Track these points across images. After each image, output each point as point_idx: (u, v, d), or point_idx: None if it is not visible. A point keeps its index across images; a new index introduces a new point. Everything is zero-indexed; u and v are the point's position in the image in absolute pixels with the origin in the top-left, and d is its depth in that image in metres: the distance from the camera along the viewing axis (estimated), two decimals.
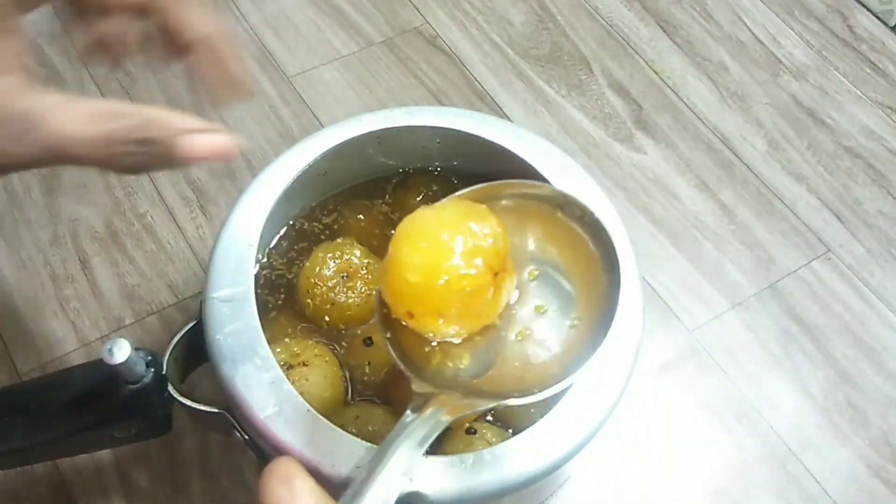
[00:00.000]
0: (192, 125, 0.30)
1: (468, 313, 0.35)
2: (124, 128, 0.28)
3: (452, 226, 0.34)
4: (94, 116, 0.28)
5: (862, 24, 0.82)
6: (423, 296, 0.34)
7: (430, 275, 0.33)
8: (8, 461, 0.47)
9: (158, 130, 0.29)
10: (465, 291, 0.33)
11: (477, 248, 0.33)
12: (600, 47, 0.79)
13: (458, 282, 0.33)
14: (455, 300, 0.33)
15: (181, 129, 0.29)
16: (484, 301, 0.34)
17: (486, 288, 0.34)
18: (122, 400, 0.41)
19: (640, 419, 0.58)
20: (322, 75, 0.75)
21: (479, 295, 0.34)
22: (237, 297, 0.43)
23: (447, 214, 0.35)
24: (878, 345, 0.63)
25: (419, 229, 0.34)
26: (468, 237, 0.33)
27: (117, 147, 0.28)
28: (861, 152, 0.73)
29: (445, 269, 0.33)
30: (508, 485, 0.39)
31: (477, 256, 0.33)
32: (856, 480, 0.57)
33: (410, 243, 0.34)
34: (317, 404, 0.40)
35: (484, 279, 0.34)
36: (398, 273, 0.34)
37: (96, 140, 0.28)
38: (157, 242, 0.64)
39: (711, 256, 0.66)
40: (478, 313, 0.35)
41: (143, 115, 0.29)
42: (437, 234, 0.34)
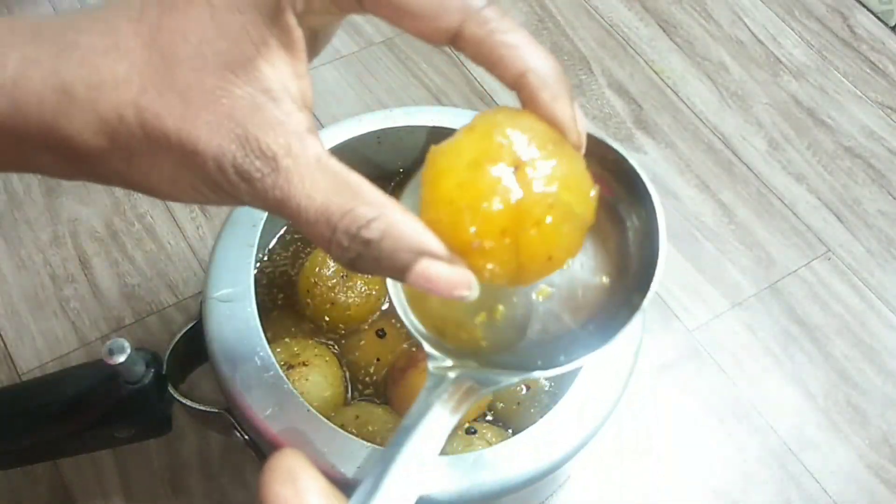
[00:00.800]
0: (434, 248, 0.24)
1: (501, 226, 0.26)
2: (356, 220, 0.24)
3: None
4: (324, 185, 0.24)
5: (862, 24, 0.82)
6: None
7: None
8: (8, 461, 0.47)
9: (395, 243, 0.24)
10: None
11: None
12: (600, 47, 0.79)
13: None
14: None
15: (421, 250, 0.24)
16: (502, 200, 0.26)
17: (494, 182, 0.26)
18: (122, 400, 0.41)
19: (640, 419, 0.58)
20: (322, 75, 0.75)
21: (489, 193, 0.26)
22: (237, 297, 0.43)
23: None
24: (878, 345, 0.63)
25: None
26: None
27: (329, 231, 0.24)
28: (861, 152, 0.73)
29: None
30: (508, 485, 0.39)
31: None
32: (856, 480, 0.57)
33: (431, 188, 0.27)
34: (317, 404, 0.40)
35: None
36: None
37: (319, 223, 0.24)
38: (157, 242, 0.64)
39: (711, 256, 0.66)
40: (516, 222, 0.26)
41: (385, 216, 0.24)
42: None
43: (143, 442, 0.45)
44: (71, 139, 0.24)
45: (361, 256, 0.24)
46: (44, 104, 0.23)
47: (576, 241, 0.28)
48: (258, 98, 0.24)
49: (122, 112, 0.23)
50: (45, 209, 0.66)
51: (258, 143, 0.23)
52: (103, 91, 0.23)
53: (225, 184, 0.24)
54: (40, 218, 0.65)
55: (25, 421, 0.42)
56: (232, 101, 0.23)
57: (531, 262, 0.27)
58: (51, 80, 0.23)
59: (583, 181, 0.28)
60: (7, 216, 0.65)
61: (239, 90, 0.23)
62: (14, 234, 0.64)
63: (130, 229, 0.65)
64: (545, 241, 0.27)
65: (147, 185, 0.25)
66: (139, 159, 0.24)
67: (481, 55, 0.25)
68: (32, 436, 0.43)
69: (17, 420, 0.42)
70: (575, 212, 0.27)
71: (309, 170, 0.24)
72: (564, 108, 0.26)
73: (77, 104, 0.23)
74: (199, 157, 0.23)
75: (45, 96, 0.23)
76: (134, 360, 0.39)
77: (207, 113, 0.23)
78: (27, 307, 0.61)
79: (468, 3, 0.24)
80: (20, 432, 0.42)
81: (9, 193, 0.66)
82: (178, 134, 0.23)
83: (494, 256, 0.26)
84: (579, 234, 0.28)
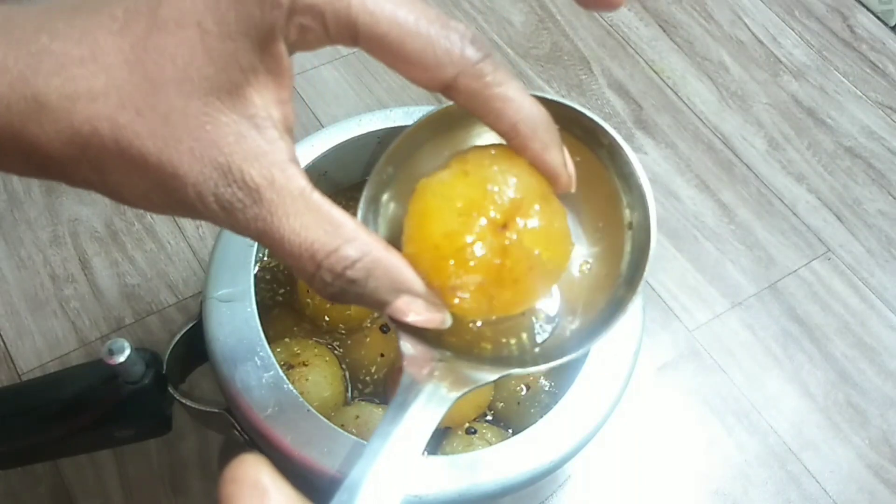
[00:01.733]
0: (415, 288, 0.26)
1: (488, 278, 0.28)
2: (341, 260, 0.24)
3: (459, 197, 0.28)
4: (307, 219, 0.24)
5: (862, 24, 0.82)
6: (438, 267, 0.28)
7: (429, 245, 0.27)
8: (8, 461, 0.47)
9: (378, 283, 0.25)
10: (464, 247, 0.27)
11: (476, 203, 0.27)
12: (600, 47, 0.79)
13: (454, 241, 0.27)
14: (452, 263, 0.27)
15: (402, 289, 0.26)
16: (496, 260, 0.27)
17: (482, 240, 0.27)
18: (122, 400, 0.41)
19: (640, 419, 0.58)
20: (322, 75, 0.75)
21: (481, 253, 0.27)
22: (237, 297, 0.43)
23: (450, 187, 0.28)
24: (878, 345, 0.63)
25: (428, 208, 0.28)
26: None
27: (313, 266, 0.24)
28: (861, 152, 0.73)
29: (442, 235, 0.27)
30: (508, 485, 0.39)
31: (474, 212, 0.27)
32: (856, 480, 0.57)
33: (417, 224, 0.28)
34: (317, 404, 0.40)
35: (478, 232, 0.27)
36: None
37: (303, 258, 0.24)
38: (157, 242, 0.64)
39: (711, 256, 0.66)
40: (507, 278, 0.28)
41: (369, 256, 0.25)
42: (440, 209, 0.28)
43: (143, 442, 0.45)
44: (40, 146, 0.23)
45: (344, 292, 0.25)
46: (11, 109, 0.23)
47: (546, 291, 0.30)
48: (243, 126, 0.23)
49: (97, 125, 0.23)
50: (45, 209, 0.66)
51: (241, 173, 0.23)
52: (78, 102, 0.22)
53: (203, 209, 0.24)
54: (40, 218, 0.65)
55: (25, 421, 0.42)
56: (216, 127, 0.23)
57: (502, 309, 0.29)
58: (20, 86, 0.22)
59: (564, 241, 0.29)
60: (7, 216, 0.65)
61: (224, 117, 0.23)
62: (14, 234, 0.64)
63: (130, 229, 0.65)
64: (519, 295, 0.28)
65: (118, 196, 0.25)
66: (111, 173, 0.24)
67: (474, 107, 0.26)
68: (32, 436, 0.43)
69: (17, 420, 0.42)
70: (551, 270, 0.28)
71: (293, 204, 0.24)
72: (555, 156, 0.27)
73: (49, 113, 0.23)
74: (178, 182, 0.23)
75: (13, 102, 0.22)
76: (134, 360, 0.39)
77: (191, 139, 0.23)
78: (27, 307, 0.61)
79: (464, 56, 0.24)
80: (20, 432, 0.42)
81: (9, 193, 0.66)
82: (157, 156, 0.23)
83: (469, 299, 0.28)
84: (551, 285, 0.30)
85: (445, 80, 0.25)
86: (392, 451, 0.26)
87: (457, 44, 0.24)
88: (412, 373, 0.28)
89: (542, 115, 0.26)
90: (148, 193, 0.24)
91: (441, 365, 0.28)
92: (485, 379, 0.29)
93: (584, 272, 0.32)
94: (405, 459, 0.26)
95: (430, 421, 0.27)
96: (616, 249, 0.31)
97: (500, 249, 0.27)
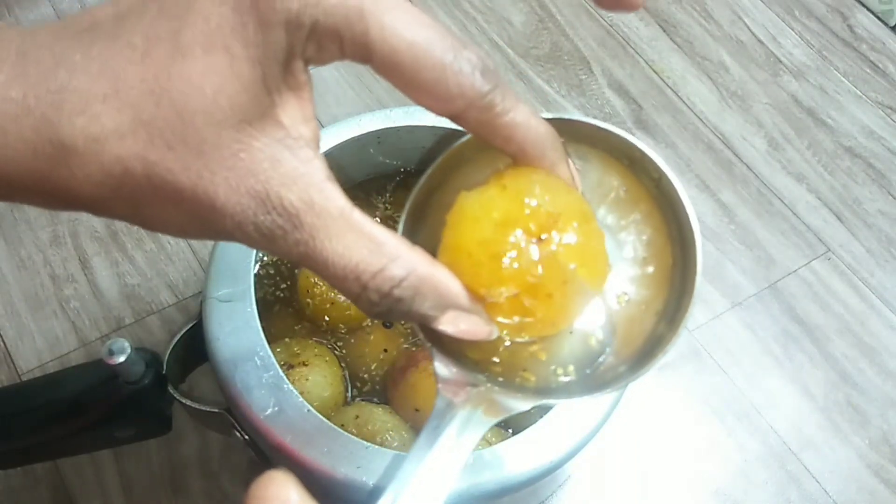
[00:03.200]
0: (461, 303, 0.26)
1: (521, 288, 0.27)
2: (387, 281, 0.24)
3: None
4: (358, 246, 0.23)
5: (862, 24, 0.82)
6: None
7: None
8: (8, 461, 0.47)
9: (424, 300, 0.25)
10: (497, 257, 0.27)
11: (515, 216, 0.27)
12: (600, 47, 0.79)
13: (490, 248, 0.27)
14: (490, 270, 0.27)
15: (451, 303, 0.25)
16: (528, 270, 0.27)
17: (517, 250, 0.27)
18: (122, 400, 0.41)
19: (640, 419, 0.58)
20: (322, 75, 0.75)
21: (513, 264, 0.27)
22: (237, 297, 0.43)
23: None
24: (878, 345, 0.63)
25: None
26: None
27: (359, 287, 0.24)
28: (861, 152, 0.73)
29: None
30: (508, 485, 0.39)
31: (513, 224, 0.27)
32: (856, 480, 0.57)
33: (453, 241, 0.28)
34: (317, 404, 0.40)
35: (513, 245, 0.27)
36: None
37: (348, 280, 0.24)
38: (157, 242, 0.64)
39: (711, 256, 0.66)
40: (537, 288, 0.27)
41: (415, 274, 0.24)
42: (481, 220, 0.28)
43: (143, 442, 0.45)
44: (70, 189, 0.22)
45: (392, 311, 0.24)
46: (38, 155, 0.22)
47: (580, 311, 0.29)
48: (276, 149, 0.23)
49: (128, 165, 0.22)
50: (45, 209, 0.66)
51: (280, 200, 0.23)
52: (106, 143, 0.22)
53: (242, 238, 0.23)
54: (40, 218, 0.65)
55: (25, 421, 0.42)
56: (251, 155, 0.22)
57: (535, 324, 0.28)
58: (45, 130, 0.21)
59: (600, 260, 0.28)
60: (7, 216, 0.65)
61: (257, 142, 0.22)
62: (14, 234, 0.64)
63: (130, 229, 0.65)
64: (551, 312, 0.27)
65: (153, 227, 0.24)
66: (145, 207, 0.23)
67: (482, 134, 0.26)
68: (32, 436, 0.43)
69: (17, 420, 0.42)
70: (586, 289, 0.28)
71: (334, 225, 0.23)
72: (563, 172, 0.27)
73: (77, 157, 0.22)
74: (215, 214, 0.23)
75: (40, 147, 0.22)
76: (134, 360, 0.39)
77: (225, 169, 0.22)
78: (27, 307, 0.61)
79: (474, 88, 0.24)
80: (20, 432, 0.42)
81: None
82: (193, 190, 0.22)
83: (500, 312, 0.27)
84: (584, 305, 0.29)
85: (455, 111, 0.25)
86: (426, 474, 0.25)
87: (468, 76, 0.24)
88: (447, 397, 0.28)
89: (548, 134, 0.26)
90: (184, 225, 0.24)
91: (476, 390, 0.28)
92: (520, 407, 0.28)
93: (623, 304, 0.31)
94: (440, 483, 0.25)
95: (467, 445, 0.26)
96: (657, 284, 0.31)
97: (534, 261, 0.26)
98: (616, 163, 0.30)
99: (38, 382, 0.48)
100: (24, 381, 0.57)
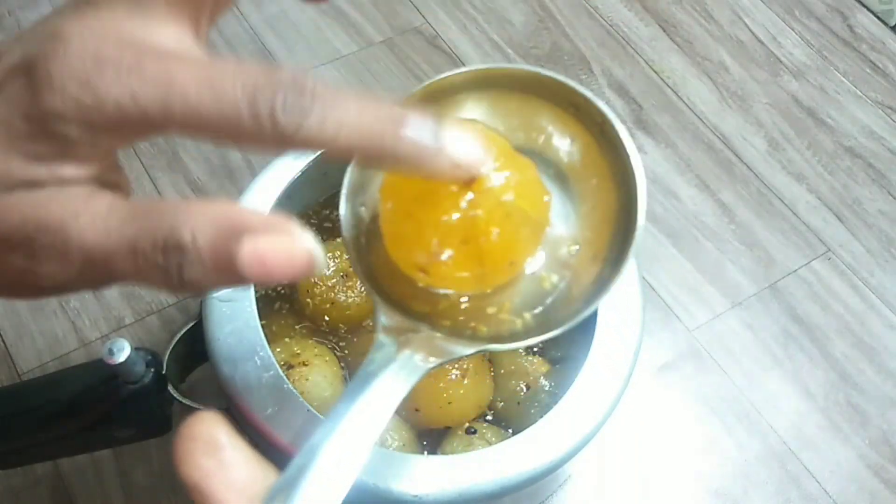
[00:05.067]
0: (253, 222, 0.20)
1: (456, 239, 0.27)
2: (147, 230, 0.20)
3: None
4: (116, 219, 0.20)
5: (862, 23, 0.82)
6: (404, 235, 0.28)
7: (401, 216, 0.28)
8: (8, 461, 0.47)
9: (189, 231, 0.20)
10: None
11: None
12: (600, 47, 0.79)
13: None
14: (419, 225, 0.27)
15: (229, 225, 0.20)
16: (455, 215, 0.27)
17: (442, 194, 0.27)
18: (122, 400, 0.41)
19: (640, 419, 0.58)
20: (322, 75, 0.75)
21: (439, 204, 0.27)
22: (237, 297, 0.43)
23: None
24: (878, 345, 0.63)
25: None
26: None
27: (143, 259, 0.20)
28: (861, 152, 0.73)
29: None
30: (508, 485, 0.39)
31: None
32: (856, 480, 0.57)
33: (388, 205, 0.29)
34: (317, 404, 0.40)
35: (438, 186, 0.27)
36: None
37: (119, 252, 0.20)
38: None
39: (711, 256, 0.66)
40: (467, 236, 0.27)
41: (172, 210, 0.20)
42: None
43: (143, 442, 0.45)
44: None
45: (182, 267, 0.20)
46: None
47: (533, 243, 0.29)
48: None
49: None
50: None
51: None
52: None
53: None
54: None
55: (25, 421, 0.42)
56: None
57: (494, 267, 0.28)
58: None
59: (536, 188, 0.29)
60: None
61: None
62: None
63: None
64: (505, 247, 0.27)
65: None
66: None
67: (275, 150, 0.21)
68: (32, 436, 0.43)
69: (17, 420, 0.42)
70: (531, 217, 0.28)
71: (83, 216, 0.21)
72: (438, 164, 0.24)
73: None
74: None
75: None
76: (134, 360, 0.39)
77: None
78: (27, 307, 0.61)
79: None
80: (20, 432, 0.42)
81: None
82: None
83: (459, 265, 0.27)
84: (536, 236, 0.29)
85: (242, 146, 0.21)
86: (358, 415, 0.24)
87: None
88: (384, 340, 0.27)
89: (372, 127, 0.21)
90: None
91: (417, 336, 0.28)
92: (461, 352, 0.28)
93: (573, 253, 0.31)
94: (371, 425, 0.24)
95: (400, 390, 0.26)
96: (606, 230, 0.30)
97: (472, 201, 0.26)
98: (562, 111, 0.30)
99: (38, 382, 0.48)
100: (24, 381, 0.57)
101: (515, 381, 0.47)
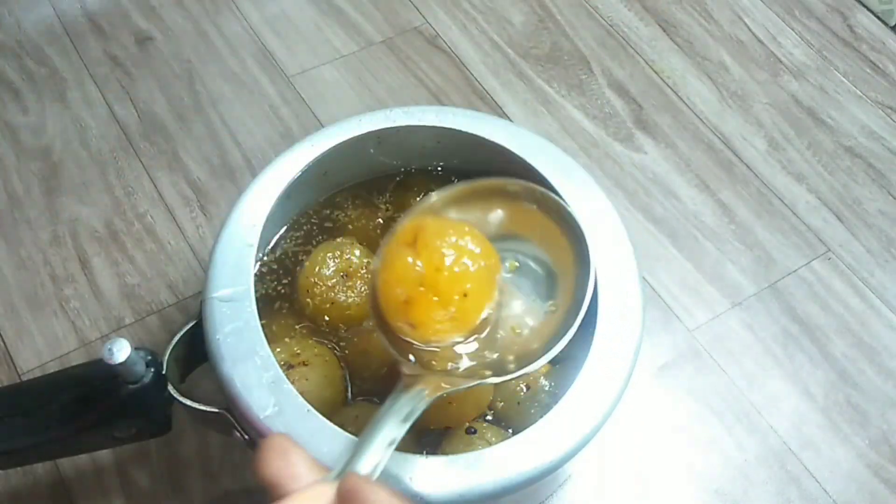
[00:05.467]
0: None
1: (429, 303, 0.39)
2: None
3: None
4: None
5: (862, 24, 0.82)
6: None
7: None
8: (8, 461, 0.47)
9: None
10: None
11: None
12: (600, 47, 0.79)
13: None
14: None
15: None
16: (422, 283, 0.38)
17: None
18: (122, 400, 0.41)
19: (640, 419, 0.58)
20: (322, 75, 0.75)
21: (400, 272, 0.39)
22: (237, 297, 0.43)
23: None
24: (878, 345, 0.63)
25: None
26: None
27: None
28: (861, 152, 0.73)
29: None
30: (508, 485, 0.39)
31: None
32: (856, 480, 0.57)
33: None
34: (317, 404, 0.40)
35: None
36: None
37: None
38: (157, 242, 0.64)
39: (711, 256, 0.66)
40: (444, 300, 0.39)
41: None
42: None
43: (143, 442, 0.45)
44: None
45: None
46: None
47: (490, 284, 0.40)
48: None
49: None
50: (45, 209, 0.66)
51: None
52: None
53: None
54: (40, 218, 0.65)
55: (25, 421, 0.42)
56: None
57: (448, 300, 0.38)
58: None
59: (476, 239, 0.39)
60: (7, 216, 0.65)
61: None
62: (14, 234, 0.64)
63: (130, 229, 0.65)
64: (454, 280, 0.38)
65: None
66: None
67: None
68: (32, 436, 0.43)
69: (17, 420, 0.42)
70: (474, 253, 0.39)
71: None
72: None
73: None
74: None
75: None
76: (134, 360, 0.39)
77: None
78: (27, 307, 0.61)
79: None
80: (20, 432, 0.42)
81: (9, 193, 0.66)
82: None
83: (425, 307, 0.38)
84: (492, 274, 0.40)
85: None
86: (387, 424, 0.34)
87: None
88: (405, 381, 0.37)
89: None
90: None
91: (426, 376, 0.38)
92: (459, 387, 0.38)
93: (551, 311, 0.41)
94: (394, 431, 0.34)
95: (414, 410, 0.35)
96: (570, 293, 0.40)
97: (419, 265, 0.38)
98: (528, 203, 0.42)
99: (38, 382, 0.48)
100: (24, 381, 0.57)
101: (515, 381, 0.47)
